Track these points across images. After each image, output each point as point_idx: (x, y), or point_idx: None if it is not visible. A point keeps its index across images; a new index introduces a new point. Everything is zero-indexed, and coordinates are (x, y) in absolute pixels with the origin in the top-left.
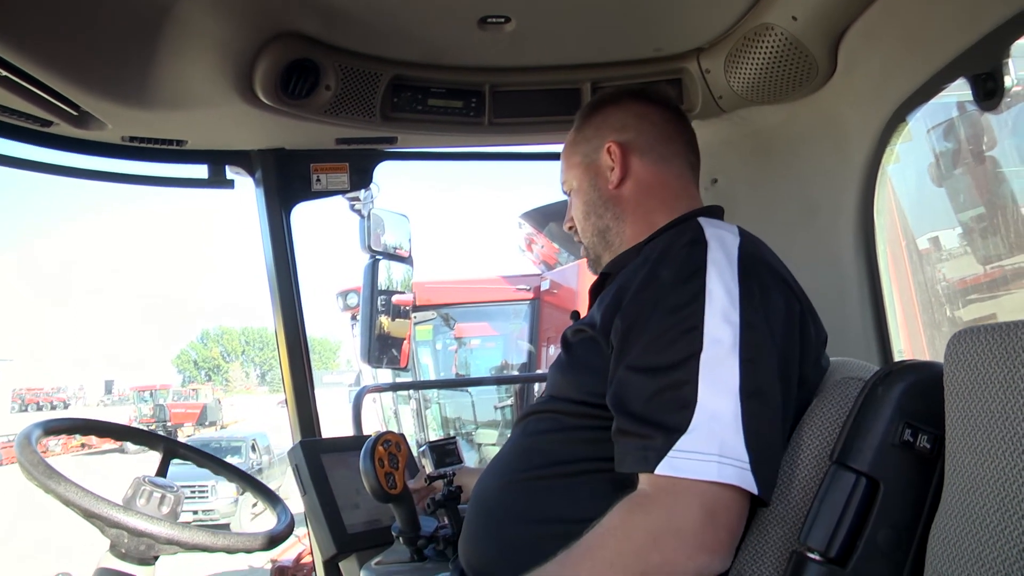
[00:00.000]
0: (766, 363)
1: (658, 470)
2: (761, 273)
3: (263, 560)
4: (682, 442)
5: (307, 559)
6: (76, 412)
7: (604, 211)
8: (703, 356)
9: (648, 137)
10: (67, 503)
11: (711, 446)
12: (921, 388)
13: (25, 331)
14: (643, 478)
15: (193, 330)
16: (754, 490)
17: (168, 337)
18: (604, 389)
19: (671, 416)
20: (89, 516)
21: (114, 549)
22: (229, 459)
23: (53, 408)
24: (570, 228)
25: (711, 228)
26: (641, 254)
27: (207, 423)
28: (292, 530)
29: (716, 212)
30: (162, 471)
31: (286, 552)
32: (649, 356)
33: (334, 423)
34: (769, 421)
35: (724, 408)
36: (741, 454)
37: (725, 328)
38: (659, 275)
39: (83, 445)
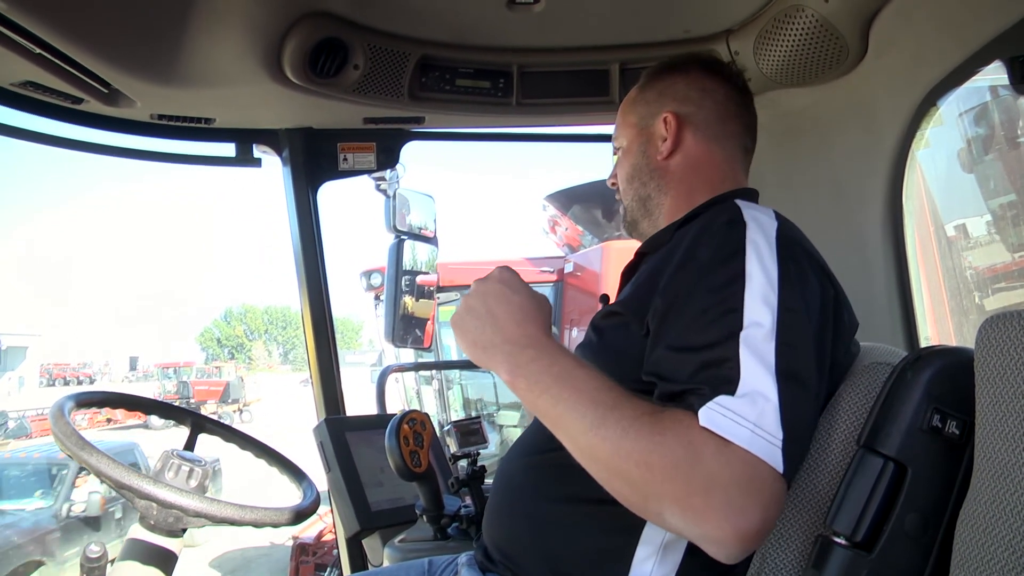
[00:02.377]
0: (803, 347)
1: (700, 416)
2: (799, 256)
3: (285, 537)
4: (725, 399)
5: (328, 536)
6: (101, 387)
7: (648, 179)
8: (743, 335)
9: (707, 113)
10: (98, 474)
11: (750, 414)
12: (950, 373)
13: (53, 307)
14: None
15: (216, 308)
16: (780, 468)
17: (192, 315)
18: (633, 374)
19: (719, 386)
20: (120, 487)
21: (143, 521)
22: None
23: (79, 383)
24: (612, 185)
25: (749, 210)
26: (675, 236)
27: (230, 400)
28: (318, 506)
29: (752, 195)
30: (190, 445)
31: (308, 529)
32: (690, 335)
33: (356, 404)
34: (804, 404)
35: (765, 387)
36: (776, 431)
37: (764, 311)
38: (697, 254)
39: (109, 420)
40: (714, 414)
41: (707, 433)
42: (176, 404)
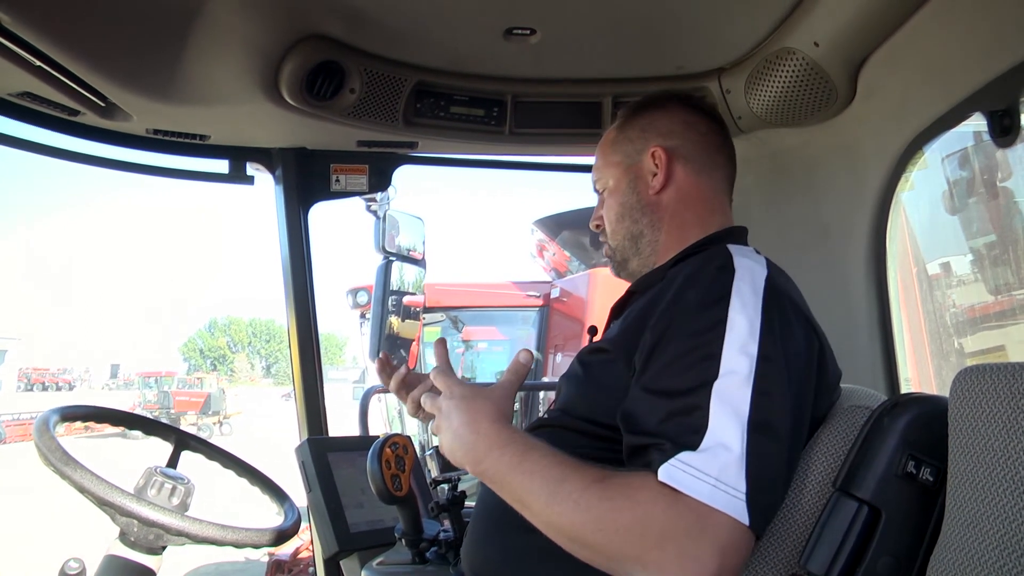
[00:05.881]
0: (779, 397)
1: (660, 473)
2: (784, 307)
3: (260, 553)
4: (687, 455)
5: (304, 554)
6: (81, 394)
7: (640, 216)
8: (716, 384)
9: (693, 146)
10: (81, 490)
11: (712, 469)
12: (926, 421)
13: (35, 311)
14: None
15: (201, 318)
16: (744, 520)
17: (176, 325)
18: (617, 412)
19: (683, 437)
20: (102, 504)
21: (123, 537)
22: None
23: (58, 389)
24: (597, 227)
25: (740, 257)
26: (667, 276)
27: (210, 412)
28: (299, 527)
29: (742, 233)
30: (173, 462)
31: (284, 546)
32: (664, 379)
33: (337, 419)
34: (774, 455)
35: (732, 438)
36: (738, 484)
37: (742, 360)
38: (685, 296)
39: (87, 427)
40: (675, 471)
41: (659, 489)
42: (153, 415)
